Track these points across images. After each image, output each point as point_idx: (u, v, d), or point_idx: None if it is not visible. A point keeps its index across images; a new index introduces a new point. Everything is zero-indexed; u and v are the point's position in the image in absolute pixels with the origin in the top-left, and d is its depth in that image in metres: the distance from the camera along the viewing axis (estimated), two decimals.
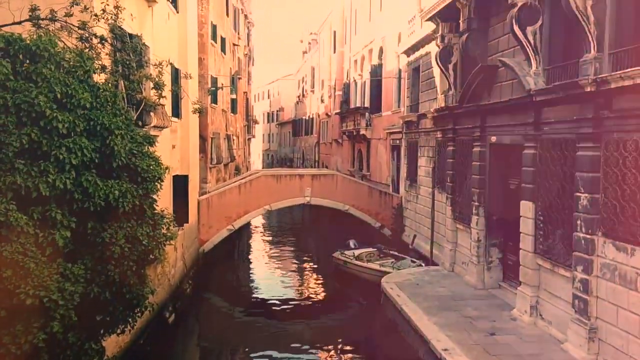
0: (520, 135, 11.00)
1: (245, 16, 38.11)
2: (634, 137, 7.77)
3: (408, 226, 19.86)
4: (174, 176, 15.01)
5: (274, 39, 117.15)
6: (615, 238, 8.17)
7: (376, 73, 25.61)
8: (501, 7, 11.63)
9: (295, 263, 23.64)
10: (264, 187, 20.58)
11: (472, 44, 13.25)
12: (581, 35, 8.68)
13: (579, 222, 8.83)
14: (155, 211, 7.91)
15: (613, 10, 8.38)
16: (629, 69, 7.56)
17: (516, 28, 10.36)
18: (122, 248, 6.83)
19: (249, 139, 43.31)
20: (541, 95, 9.88)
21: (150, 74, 10.20)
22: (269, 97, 66.45)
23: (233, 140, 30.23)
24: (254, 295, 18.52)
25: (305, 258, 24.50)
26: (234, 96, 29.24)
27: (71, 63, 7.00)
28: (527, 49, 10.44)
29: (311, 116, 45.38)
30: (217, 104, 24.02)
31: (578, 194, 8.85)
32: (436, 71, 16.45)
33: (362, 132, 26.44)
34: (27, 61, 6.61)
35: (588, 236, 8.63)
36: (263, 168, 55.86)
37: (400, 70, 21.87)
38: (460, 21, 13.47)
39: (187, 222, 16.36)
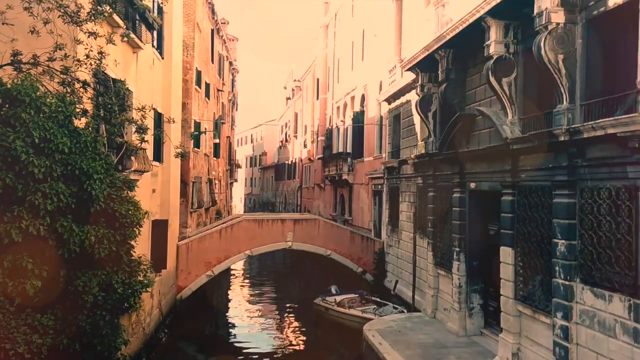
0: (499, 182, 11.18)
1: (230, 63, 38.85)
2: (607, 185, 7.96)
3: (390, 271, 19.75)
4: (153, 221, 14.81)
5: (258, 85, 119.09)
6: (593, 284, 8.22)
7: (358, 119, 26.08)
8: (478, 59, 12.06)
9: (275, 310, 23.16)
10: (245, 231, 20.40)
11: (450, 93, 13.64)
12: (554, 86, 9.02)
13: (557, 268, 8.89)
14: (133, 257, 7.76)
15: (583, 64, 8.75)
16: (600, 120, 7.82)
17: (492, 79, 10.71)
18: (96, 296, 6.65)
19: (231, 183, 43.24)
20: (517, 143, 10.12)
21: (133, 118, 10.23)
22: (252, 142, 66.91)
23: (215, 184, 30.15)
24: (232, 346, 17.99)
25: (286, 305, 24.05)
26: (217, 140, 29.39)
27: (52, 107, 7.00)
28: (503, 99, 10.77)
29: (294, 161, 45.68)
30: (199, 148, 24.07)
31: (555, 240, 8.95)
32: (416, 119, 16.81)
33: (345, 177, 26.64)
34: (7, 105, 6.60)
35: (567, 282, 8.67)
36: (245, 212, 55.49)
37: (381, 117, 22.31)
38: (439, 71, 13.89)
39: (165, 267, 16.04)
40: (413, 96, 16.61)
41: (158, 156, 15.63)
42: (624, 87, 7.74)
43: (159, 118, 14.58)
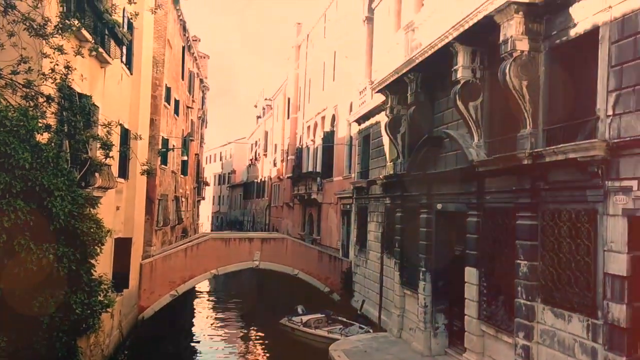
0: (464, 203, 11.38)
1: (201, 80, 38.66)
2: (568, 208, 8.20)
3: (357, 291, 19.72)
4: (116, 239, 14.43)
5: (229, 103, 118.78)
6: (553, 305, 8.40)
7: (328, 139, 26.25)
8: (445, 83, 12.35)
9: (241, 330, 22.75)
10: (211, 250, 20.08)
11: (419, 115, 13.90)
12: (518, 111, 9.29)
13: (519, 288, 9.05)
14: (93, 277, 7.52)
15: (546, 90, 9.07)
16: (561, 145, 8.09)
17: (459, 103, 10.98)
18: (53, 317, 6.40)
19: (199, 201, 42.66)
20: (483, 166, 10.35)
21: (98, 134, 10.02)
22: (221, 159, 66.37)
23: (182, 202, 29.68)
24: None
25: (252, 325, 23.66)
26: (185, 158, 29.02)
27: (13, 122, 6.80)
28: (470, 123, 11.03)
29: (263, 179, 45.47)
30: (167, 165, 23.72)
31: (518, 261, 9.13)
32: (385, 140, 17.03)
33: (314, 196, 26.64)
34: None
35: (528, 302, 8.83)
36: (212, 231, 54.71)
37: (351, 138, 22.51)
38: (408, 94, 14.15)
39: (127, 287, 15.60)
40: (383, 117, 16.84)
41: (124, 173, 15.30)
42: (585, 113, 8.04)
43: (125, 134, 14.31)
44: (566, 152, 7.91)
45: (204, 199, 47.45)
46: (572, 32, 8.40)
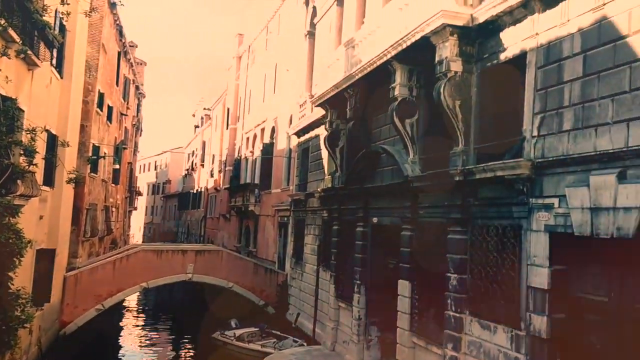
0: (399, 217, 11.64)
1: (137, 87, 37.48)
2: (495, 223, 8.58)
3: (292, 304, 19.60)
4: (38, 250, 13.56)
5: (166, 112, 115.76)
6: (480, 316, 8.72)
7: (267, 151, 26.13)
8: (384, 99, 12.65)
9: (171, 345, 21.95)
10: (142, 262, 19.31)
11: (357, 130, 14.13)
12: (452, 129, 9.66)
13: (449, 301, 9.33)
14: (11, 290, 7.00)
15: (477, 110, 9.49)
16: (490, 163, 8.48)
17: (396, 119, 11.26)
18: None
19: (131, 211, 41.07)
20: (417, 181, 10.65)
21: (21, 140, 9.41)
22: (155, 169, 64.36)
23: (112, 212, 28.44)
24: None
25: (183, 339, 22.89)
26: (117, 166, 27.91)
27: None
28: (406, 139, 11.33)
29: (199, 190, 44.50)
30: (97, 173, 22.67)
31: (449, 274, 9.42)
32: (324, 153, 17.16)
33: (251, 208, 26.35)
34: None
35: (457, 315, 9.12)
36: (144, 242, 52.75)
37: (290, 150, 22.53)
38: (347, 109, 14.37)
39: (49, 301, 14.68)
40: (322, 131, 16.98)
41: (49, 180, 14.46)
42: (513, 133, 8.48)
43: (52, 140, 13.56)
44: (495, 170, 8.30)
45: (136, 209, 45.76)
46: (502, 56, 8.87)
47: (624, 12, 6.64)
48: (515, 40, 8.57)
